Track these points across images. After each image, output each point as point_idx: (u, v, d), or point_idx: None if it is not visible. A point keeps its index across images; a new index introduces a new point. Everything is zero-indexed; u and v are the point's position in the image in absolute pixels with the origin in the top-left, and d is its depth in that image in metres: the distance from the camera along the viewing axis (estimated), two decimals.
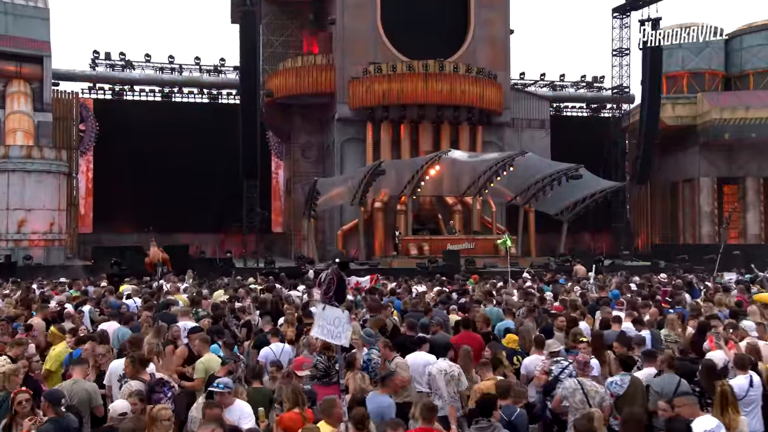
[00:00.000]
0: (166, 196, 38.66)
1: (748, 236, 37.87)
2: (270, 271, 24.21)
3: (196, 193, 39.23)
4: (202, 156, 38.77)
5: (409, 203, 30.70)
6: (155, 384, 6.50)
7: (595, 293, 14.14)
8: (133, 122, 38.76)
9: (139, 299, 13.96)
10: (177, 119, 39.91)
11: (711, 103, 36.60)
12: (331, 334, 6.02)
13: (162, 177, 38.32)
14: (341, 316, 5.99)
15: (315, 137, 37.66)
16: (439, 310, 12.01)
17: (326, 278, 6.28)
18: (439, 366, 7.27)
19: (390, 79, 32.24)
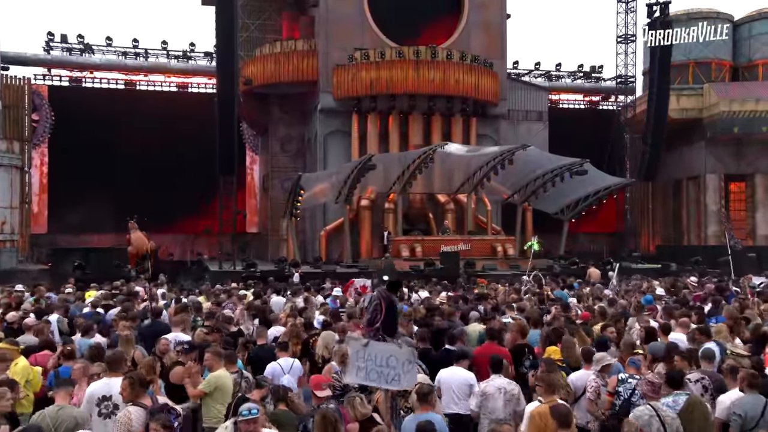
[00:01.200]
0: (129, 193, 37.53)
1: (757, 237, 38.04)
2: (250, 275, 23.65)
3: (163, 190, 38.38)
4: (170, 149, 38.01)
5: (399, 201, 30.26)
6: (159, 410, 5.92)
7: (619, 298, 13.85)
8: (92, 112, 37.76)
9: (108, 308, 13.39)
10: (142, 109, 38.99)
11: (719, 95, 36.69)
12: (382, 377, 4.94)
13: (125, 172, 37.40)
14: (399, 354, 4.83)
15: (295, 129, 37.05)
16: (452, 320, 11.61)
17: (371, 304, 5.23)
18: (497, 383, 6.86)
19: (378, 67, 31.78)
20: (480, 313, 11.42)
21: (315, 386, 6.53)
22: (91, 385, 6.83)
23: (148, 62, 41.96)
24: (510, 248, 29.68)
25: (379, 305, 5.11)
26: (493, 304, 13.09)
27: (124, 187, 37.25)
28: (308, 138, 36.20)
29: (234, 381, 7.41)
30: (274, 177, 36.90)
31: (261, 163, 41.76)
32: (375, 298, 5.19)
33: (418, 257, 28.11)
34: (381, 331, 5.09)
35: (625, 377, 6.87)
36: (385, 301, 5.12)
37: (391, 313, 5.13)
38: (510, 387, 6.88)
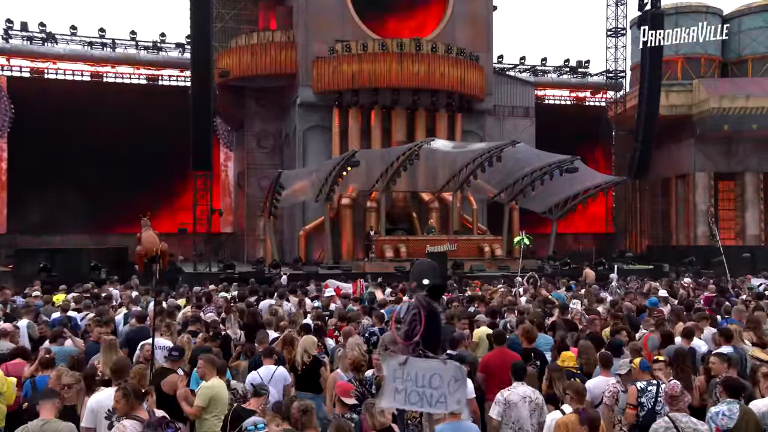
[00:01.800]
0: (95, 190, 37.03)
1: (746, 237, 38.46)
2: (229, 277, 23.27)
3: (131, 187, 37.71)
4: (138, 145, 37.41)
5: (382, 200, 30.01)
6: (157, 424, 5.61)
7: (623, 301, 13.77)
8: (55, 105, 36.99)
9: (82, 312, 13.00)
10: (109, 102, 38.18)
11: (709, 91, 37.01)
12: (425, 400, 4.35)
13: (90, 169, 36.68)
14: (444, 371, 4.22)
15: (272, 125, 36.68)
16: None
17: (408, 313, 4.49)
18: (520, 391, 6.64)
19: (360, 60, 31.52)
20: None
21: (342, 393, 6.29)
22: (94, 396, 6.51)
23: (116, 53, 41.17)
24: (497, 248, 29.62)
25: (417, 315, 4.41)
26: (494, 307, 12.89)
27: (90, 184, 36.61)
28: (286, 133, 35.82)
29: None
30: (251, 174, 36.48)
31: (236, 160, 41.29)
32: (413, 307, 4.45)
33: (402, 258, 27.89)
34: (421, 345, 4.42)
35: (644, 386, 6.70)
36: (424, 310, 4.42)
37: (432, 324, 4.45)
38: (534, 396, 6.67)
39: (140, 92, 40.32)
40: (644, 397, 6.56)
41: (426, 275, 4.65)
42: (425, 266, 4.80)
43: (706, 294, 13.81)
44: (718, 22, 40.83)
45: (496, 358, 8.19)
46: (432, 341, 4.47)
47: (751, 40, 39.86)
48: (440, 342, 4.71)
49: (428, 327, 4.37)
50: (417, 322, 4.37)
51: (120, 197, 38.15)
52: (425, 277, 4.61)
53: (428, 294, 4.42)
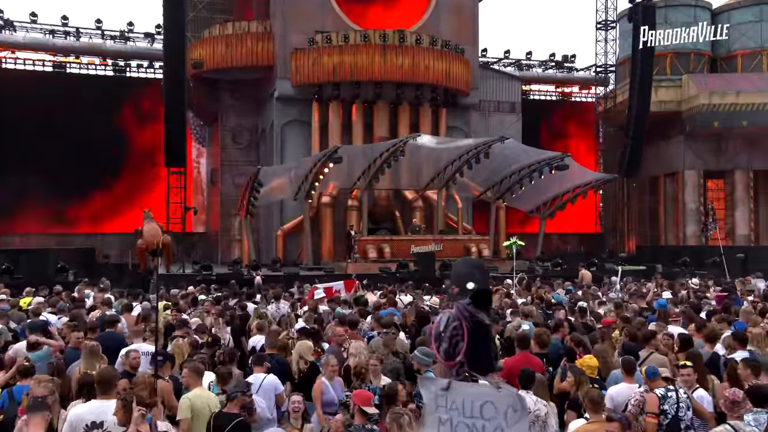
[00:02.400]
0: (58, 188, 36.38)
1: (736, 236, 38.86)
2: (206, 279, 22.93)
3: (96, 185, 37.15)
4: (105, 139, 36.76)
5: (365, 198, 29.78)
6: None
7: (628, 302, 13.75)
8: (14, 96, 36.09)
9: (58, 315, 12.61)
10: (72, 94, 37.48)
11: (698, 87, 37.34)
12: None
13: (52, 165, 35.94)
14: (497, 398, 3.56)
15: (247, 119, 36.32)
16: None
17: (448, 327, 3.70)
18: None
19: (341, 51, 31.28)
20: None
21: (362, 402, 6.07)
22: (74, 408, 6.20)
23: (80, 43, 40.40)
24: (485, 249, 29.58)
25: (459, 328, 3.63)
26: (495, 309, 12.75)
27: (51, 182, 35.92)
28: (262, 128, 35.46)
29: None
30: (225, 171, 36.08)
31: (209, 156, 40.82)
32: (454, 319, 3.65)
33: (386, 258, 27.73)
34: (466, 366, 3.67)
35: (664, 392, 6.56)
36: (468, 322, 3.62)
37: (479, 340, 3.68)
38: (536, 407, 6.39)
39: (107, 84, 39.59)
40: (666, 404, 6.42)
41: (470, 278, 3.73)
42: (468, 266, 3.85)
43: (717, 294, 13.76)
44: (707, 16, 41.32)
45: (520, 363, 7.98)
46: (480, 361, 3.72)
47: (741, 34, 40.25)
48: (491, 362, 3.88)
49: (474, 344, 3.64)
50: (459, 338, 3.63)
51: (84, 195, 37.57)
52: (469, 280, 3.69)
53: (472, 302, 3.61)
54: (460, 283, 3.79)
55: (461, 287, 3.79)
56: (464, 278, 3.81)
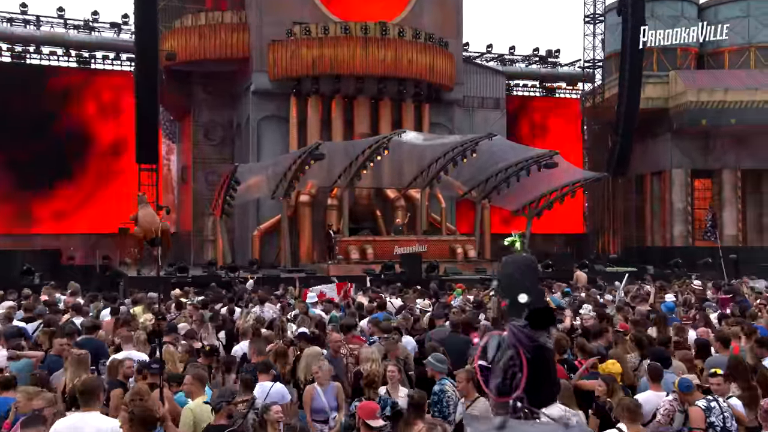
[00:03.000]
0: (20, 186, 35.68)
1: (724, 237, 39.23)
2: (182, 282, 22.60)
3: (59, 182, 36.52)
4: (67, 134, 36.16)
5: (346, 197, 29.61)
6: None
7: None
8: None
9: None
10: (33, 86, 36.77)
11: (686, 83, 37.72)
12: None
13: (10, 161, 35.25)
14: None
15: (221, 114, 35.99)
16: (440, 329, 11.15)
17: (500, 355, 3.02)
18: (555, 412, 6.29)
19: (321, 44, 31.08)
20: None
21: (366, 415, 5.91)
22: (56, 424, 5.97)
23: (41, 32, 39.59)
24: (471, 249, 29.59)
25: (516, 358, 2.98)
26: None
27: (12, 178, 35.20)
28: (237, 124, 35.14)
29: None
30: (197, 169, 35.71)
31: (179, 153, 40.30)
32: (507, 345, 3.00)
33: (369, 260, 27.62)
34: (526, 402, 3.05)
35: (707, 404, 6.50)
36: (527, 349, 2.98)
37: (541, 368, 3.02)
38: (567, 417, 6.33)
39: (70, 77, 38.93)
40: (712, 416, 6.34)
41: (522, 288, 3.09)
42: (518, 271, 3.15)
43: (721, 297, 13.85)
44: (694, 11, 41.88)
45: None
46: (541, 394, 3.11)
47: (728, 30, 40.60)
48: (554, 393, 3.25)
49: (535, 374, 3.00)
50: (517, 368, 2.99)
51: (47, 193, 36.87)
52: (521, 292, 3.06)
53: (529, 322, 2.99)
54: (511, 296, 3.15)
55: (512, 301, 3.14)
56: (516, 287, 3.16)
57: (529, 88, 46.10)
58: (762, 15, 40.44)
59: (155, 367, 7.61)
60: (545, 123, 44.17)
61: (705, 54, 41.92)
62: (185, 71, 34.82)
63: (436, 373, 7.71)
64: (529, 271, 3.28)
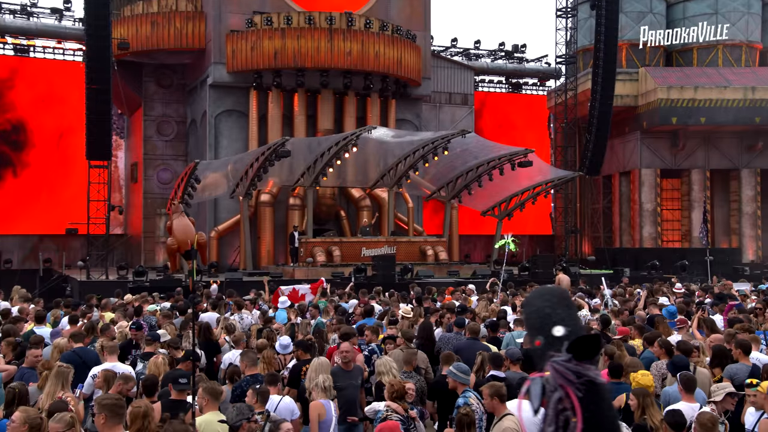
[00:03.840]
0: None
1: (692, 239, 40.10)
2: (140, 287, 22.06)
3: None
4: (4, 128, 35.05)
5: (310, 196, 29.30)
6: None
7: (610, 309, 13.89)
8: None
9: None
10: None
11: (657, 81, 38.34)
12: None
13: None
14: None
15: (174, 108, 35.40)
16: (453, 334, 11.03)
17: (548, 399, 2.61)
18: None
19: (284, 35, 30.67)
20: None
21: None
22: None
23: None
24: (441, 251, 29.56)
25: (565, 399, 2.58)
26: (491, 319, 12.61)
27: None
28: (192, 119, 34.54)
29: None
30: (148, 166, 34.99)
31: (128, 149, 39.39)
32: (552, 386, 2.60)
33: (336, 262, 27.38)
34: None
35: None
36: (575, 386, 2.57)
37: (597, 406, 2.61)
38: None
39: (7, 65, 37.74)
40: None
41: (556, 321, 2.70)
42: (548, 302, 2.76)
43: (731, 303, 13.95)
44: (662, 7, 42.60)
45: None
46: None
47: (697, 27, 41.51)
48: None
49: (591, 414, 2.65)
50: (569, 412, 2.63)
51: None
52: (556, 325, 2.70)
53: (573, 354, 2.62)
54: (543, 329, 2.79)
55: (546, 335, 2.78)
56: (547, 321, 2.80)
57: (494, 84, 46.36)
58: (729, 12, 41.38)
59: (184, 382, 7.26)
60: (511, 120, 44.45)
61: (674, 51, 42.68)
62: (135, 62, 34.10)
63: (459, 385, 7.49)
64: (561, 300, 2.85)
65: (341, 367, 8.64)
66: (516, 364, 8.55)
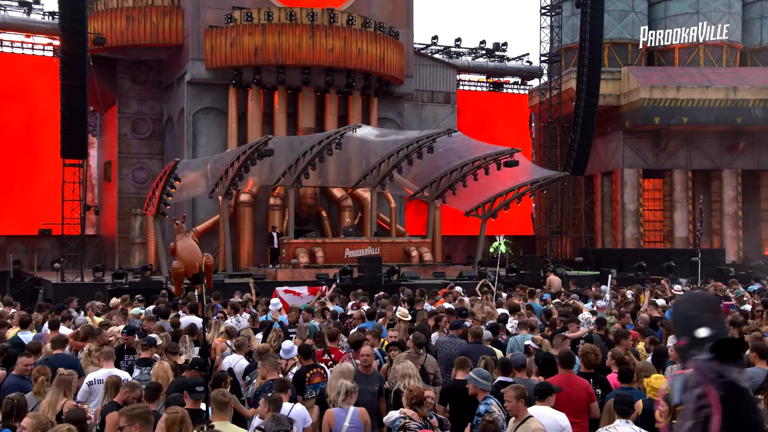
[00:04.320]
0: None
1: (675, 240, 40.48)
2: (120, 289, 21.73)
3: None
4: None
5: (291, 196, 29.08)
6: None
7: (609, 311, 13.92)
8: None
9: None
10: None
11: (639, 80, 38.62)
12: None
13: None
14: None
15: (150, 106, 34.98)
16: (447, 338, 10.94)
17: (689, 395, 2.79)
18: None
19: (265, 31, 30.42)
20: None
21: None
22: None
23: None
24: (426, 252, 29.51)
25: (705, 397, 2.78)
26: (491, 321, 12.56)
27: None
28: (169, 116, 34.14)
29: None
30: (123, 165, 34.50)
31: (102, 148, 38.87)
32: (694, 383, 2.83)
33: (319, 263, 27.22)
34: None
35: None
36: (717, 385, 2.72)
37: (739, 408, 2.75)
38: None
39: None
40: None
41: (701, 323, 2.98)
42: (697, 306, 3.05)
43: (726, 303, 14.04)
44: (644, 6, 42.94)
45: (563, 385, 7.71)
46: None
47: (678, 26, 41.91)
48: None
49: (732, 415, 2.74)
50: (709, 410, 2.74)
51: None
52: (700, 327, 2.96)
53: (715, 355, 2.81)
54: (687, 330, 3.04)
55: (690, 336, 3.02)
56: (692, 323, 3.04)
57: (475, 83, 46.44)
58: (711, 12, 41.82)
59: (200, 390, 7.08)
60: (491, 119, 44.52)
61: (655, 50, 43.02)
62: (110, 58, 33.63)
63: (480, 391, 7.40)
64: (708, 304, 3.14)
65: (360, 371, 8.53)
66: (521, 370, 8.49)
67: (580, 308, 14.04)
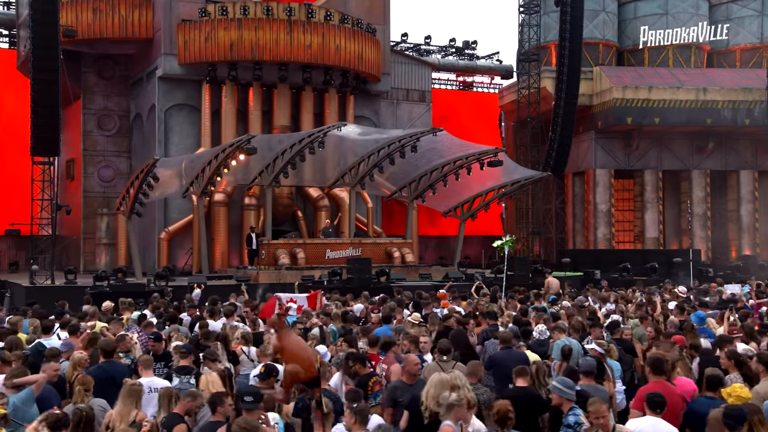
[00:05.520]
0: None
1: (645, 240, 41.20)
2: (100, 292, 21.22)
3: None
4: None
5: (268, 196, 28.83)
6: None
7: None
8: None
9: None
10: None
11: (612, 80, 39.21)
12: None
13: None
14: None
15: (116, 102, 34.37)
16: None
17: None
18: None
19: (240, 26, 30.11)
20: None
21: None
22: None
23: None
24: (408, 254, 29.53)
25: None
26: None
27: None
28: (137, 113, 33.55)
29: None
30: (88, 163, 33.81)
31: (66, 145, 37.85)
32: None
33: (300, 265, 27.02)
34: None
35: None
36: None
37: None
38: None
39: None
40: None
41: None
42: None
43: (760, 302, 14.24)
44: (614, 6, 43.62)
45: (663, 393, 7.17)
46: None
47: (647, 27, 42.64)
48: None
49: None
50: None
51: None
52: None
53: None
54: None
55: None
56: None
57: (444, 81, 46.64)
58: (679, 13, 42.70)
59: (249, 401, 6.86)
60: (460, 118, 44.76)
61: (625, 50, 43.76)
62: (75, 51, 32.83)
63: (565, 401, 7.14)
64: None
65: (403, 381, 8.17)
66: (588, 377, 8.34)
67: (595, 310, 14.16)
